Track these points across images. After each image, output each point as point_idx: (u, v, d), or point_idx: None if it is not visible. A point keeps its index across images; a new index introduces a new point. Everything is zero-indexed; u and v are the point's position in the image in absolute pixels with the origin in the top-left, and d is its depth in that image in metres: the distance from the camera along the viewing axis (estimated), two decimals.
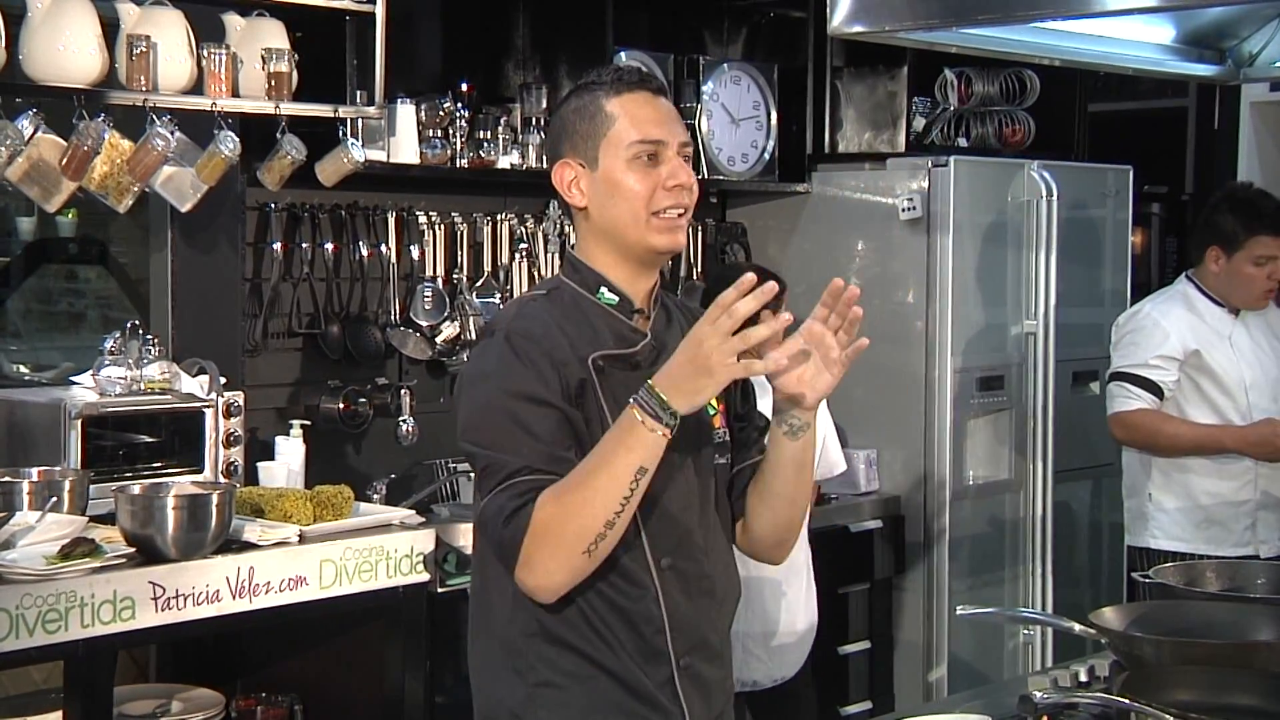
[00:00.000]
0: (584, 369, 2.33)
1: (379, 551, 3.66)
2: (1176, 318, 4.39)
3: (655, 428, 2.20)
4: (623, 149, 2.37)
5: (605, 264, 2.42)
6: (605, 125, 2.38)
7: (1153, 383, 4.33)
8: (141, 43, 3.79)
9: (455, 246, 4.75)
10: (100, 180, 3.81)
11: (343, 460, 4.52)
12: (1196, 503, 4.38)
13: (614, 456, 2.22)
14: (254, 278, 4.41)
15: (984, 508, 5.29)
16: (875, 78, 5.51)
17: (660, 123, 2.39)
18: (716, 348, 2.17)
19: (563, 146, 2.43)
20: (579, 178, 2.41)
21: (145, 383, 3.81)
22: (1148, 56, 3.73)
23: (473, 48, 4.94)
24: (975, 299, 5.20)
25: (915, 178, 5.19)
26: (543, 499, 2.24)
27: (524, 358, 2.30)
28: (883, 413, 5.13)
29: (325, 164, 4.21)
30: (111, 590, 3.22)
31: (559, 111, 2.47)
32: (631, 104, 2.39)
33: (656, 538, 2.36)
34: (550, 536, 2.23)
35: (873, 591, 5.13)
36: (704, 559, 2.42)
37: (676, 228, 2.41)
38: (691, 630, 2.40)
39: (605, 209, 2.40)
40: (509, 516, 2.25)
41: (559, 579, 2.28)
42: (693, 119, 5.18)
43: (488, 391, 2.32)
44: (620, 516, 2.24)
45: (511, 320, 2.37)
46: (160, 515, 3.34)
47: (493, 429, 2.30)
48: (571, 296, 2.42)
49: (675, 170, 2.39)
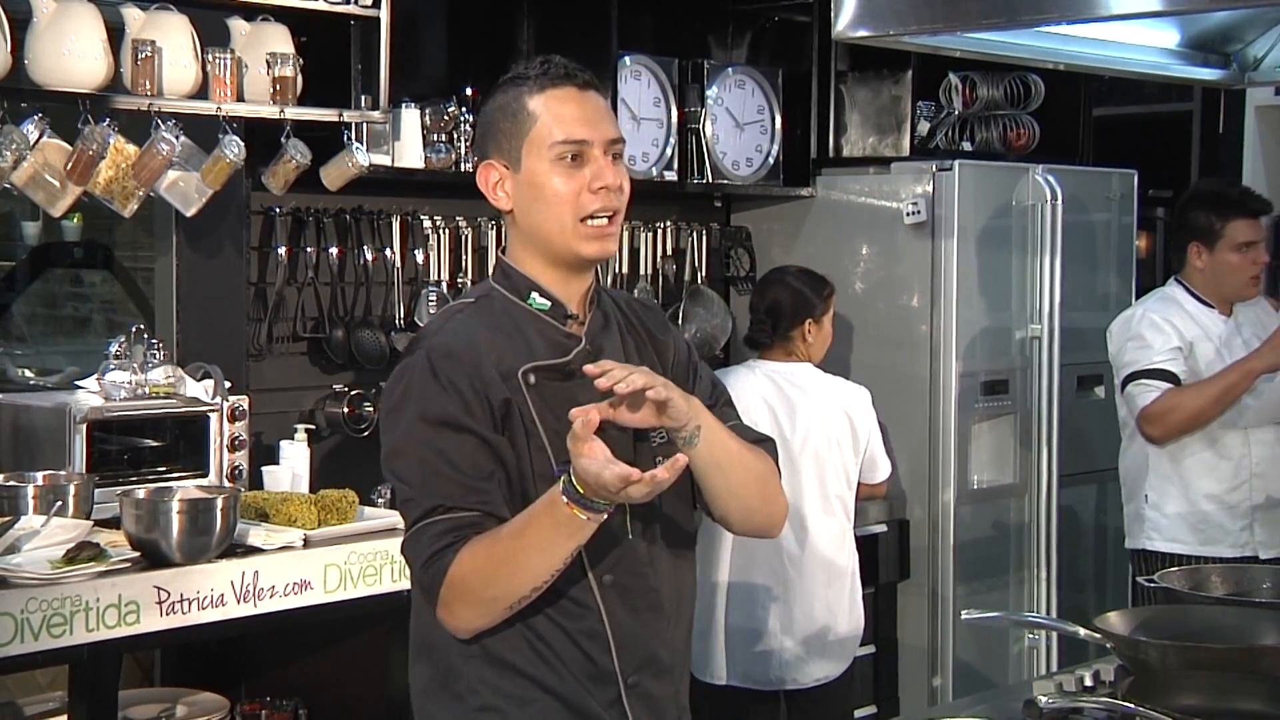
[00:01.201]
0: (510, 386, 2.24)
1: (384, 556, 3.66)
2: (1171, 315, 4.43)
3: (592, 516, 2.12)
4: (545, 149, 2.26)
5: (535, 269, 2.32)
6: (527, 124, 2.27)
7: (1170, 373, 4.34)
8: (146, 47, 3.80)
9: (460, 250, 4.75)
10: (105, 184, 3.81)
11: (347, 464, 4.52)
12: (1194, 504, 4.39)
13: (546, 540, 2.14)
14: (258, 282, 4.41)
15: (988, 512, 5.28)
16: (880, 82, 5.51)
17: (585, 120, 2.27)
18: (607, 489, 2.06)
19: (487, 146, 2.32)
20: (503, 179, 2.30)
21: (150, 387, 3.81)
22: (1153, 60, 3.73)
23: (477, 52, 4.93)
24: (980, 303, 5.20)
25: (920, 182, 5.19)
26: (464, 555, 2.16)
27: (443, 379, 2.21)
28: (887, 417, 5.10)
29: (330, 168, 4.21)
30: (116, 594, 3.22)
31: (484, 108, 2.36)
32: (555, 101, 2.28)
33: (596, 554, 2.25)
34: (470, 594, 2.17)
35: (877, 596, 5.12)
36: (649, 572, 2.33)
37: (606, 235, 2.29)
38: (639, 647, 2.31)
39: (530, 213, 2.30)
40: (427, 561, 2.18)
41: (477, 626, 2.22)
42: (697, 123, 5.18)
43: (406, 418, 2.23)
44: (548, 583, 2.18)
45: (434, 336, 2.28)
46: (165, 519, 3.35)
47: (410, 460, 2.22)
48: (501, 304, 2.32)
49: (600, 170, 2.27)
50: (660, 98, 5.11)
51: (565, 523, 2.12)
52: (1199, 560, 4.34)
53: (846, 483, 4.29)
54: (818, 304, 4.34)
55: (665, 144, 5.10)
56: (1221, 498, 4.41)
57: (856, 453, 4.30)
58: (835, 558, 4.27)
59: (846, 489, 4.29)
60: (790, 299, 4.33)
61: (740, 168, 5.34)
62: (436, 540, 2.17)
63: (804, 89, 5.45)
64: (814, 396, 4.27)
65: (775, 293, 4.35)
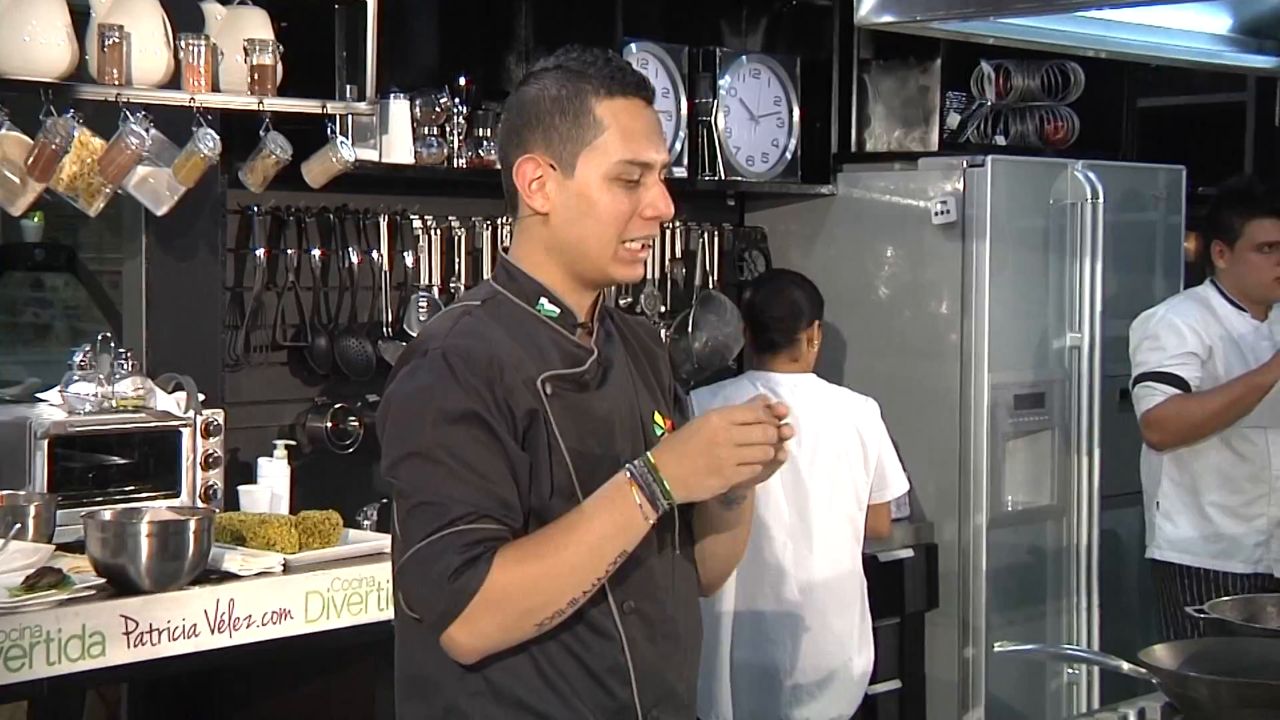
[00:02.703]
0: (533, 395, 2.24)
1: (370, 583, 3.65)
2: (1192, 317, 4.57)
3: (651, 515, 2.16)
4: (608, 164, 2.27)
5: (548, 274, 2.32)
6: (591, 130, 2.26)
7: (1179, 378, 4.48)
8: (114, 33, 3.80)
9: (452, 253, 4.75)
10: (69, 181, 3.81)
11: (330, 483, 4.51)
12: (1203, 515, 4.50)
13: (596, 533, 2.15)
14: (235, 286, 4.41)
15: (1024, 536, 5.27)
16: (906, 71, 5.51)
17: (652, 140, 2.29)
18: (734, 453, 2.14)
19: (531, 138, 2.29)
20: (545, 179, 2.29)
21: (117, 400, 3.81)
22: (1202, 47, 3.72)
23: (472, 39, 4.94)
24: (1014, 310, 5.19)
25: (949, 179, 5.18)
26: (502, 560, 2.14)
27: (463, 381, 2.19)
28: (914, 433, 5.11)
29: (312, 164, 4.21)
30: (80, 624, 3.21)
31: (528, 92, 2.31)
32: (625, 113, 2.28)
33: (619, 578, 2.25)
34: (505, 605, 2.14)
35: (903, 626, 5.12)
36: (667, 599, 2.34)
37: (640, 260, 2.33)
38: (658, 680, 2.32)
39: (572, 224, 2.29)
40: (456, 572, 2.13)
41: (495, 645, 2.20)
42: (708, 115, 5.18)
43: (421, 417, 2.19)
44: (586, 595, 2.19)
45: (447, 337, 2.25)
46: (133, 543, 3.33)
47: (428, 462, 2.18)
48: (509, 308, 2.32)
49: (656, 199, 2.29)
50: (669, 88, 5.10)
51: (620, 510, 2.15)
52: (1210, 575, 4.44)
53: (856, 501, 4.28)
54: (820, 305, 4.42)
55: (674, 138, 5.10)
56: (1236, 510, 4.49)
57: (867, 469, 4.30)
58: (846, 584, 4.26)
59: (856, 508, 4.29)
60: (804, 299, 4.37)
61: (755, 164, 5.34)
62: (466, 550, 2.14)
63: (824, 78, 5.45)
64: (820, 409, 4.27)
65: (792, 293, 4.39)
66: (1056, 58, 5.58)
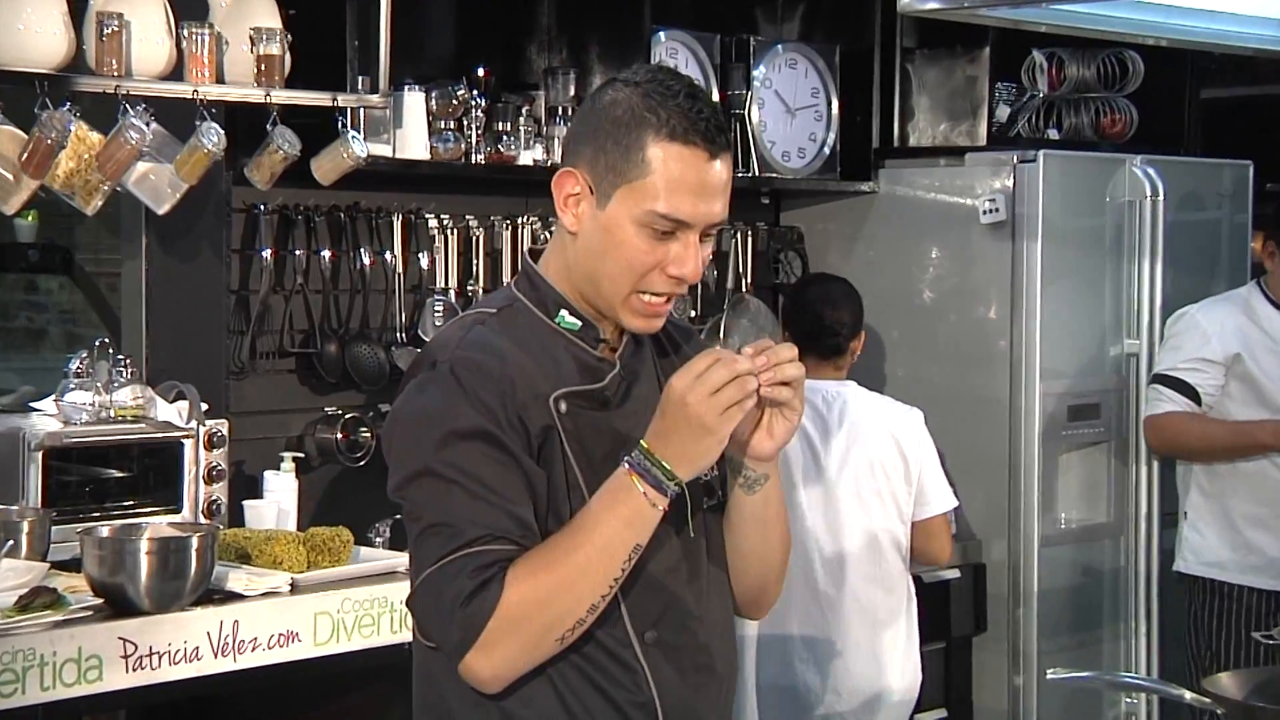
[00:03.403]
0: (547, 413, 2.23)
1: (382, 603, 3.65)
2: (1222, 319, 4.64)
3: (657, 500, 2.14)
4: (640, 210, 2.23)
5: (570, 292, 2.31)
6: (636, 169, 2.22)
7: (1188, 385, 4.57)
8: (113, 21, 3.81)
9: (470, 254, 4.75)
10: (65, 178, 3.82)
11: (341, 498, 4.52)
12: (1233, 526, 4.54)
13: (605, 531, 2.14)
14: (240, 289, 4.42)
15: (1078, 555, 5.25)
16: (952, 61, 5.50)
17: (700, 198, 2.24)
18: (709, 404, 2.12)
19: (581, 151, 2.28)
20: (581, 199, 2.27)
21: (115, 409, 3.82)
22: (1269, 34, 3.71)
23: (491, 27, 4.94)
24: (1067, 315, 5.18)
25: (998, 175, 5.17)
26: (514, 577, 2.13)
27: (473, 396, 2.19)
28: (960, 445, 5.09)
29: (322, 160, 4.22)
30: (76, 647, 3.21)
31: (598, 102, 2.29)
32: (679, 161, 2.22)
33: (638, 607, 2.26)
34: (522, 622, 2.14)
35: (949, 651, 5.10)
36: (697, 628, 2.32)
37: (657, 315, 2.29)
38: (688, 715, 2.30)
39: (592, 255, 2.27)
40: (470, 596, 2.13)
41: (521, 668, 2.19)
42: (742, 108, 5.18)
43: (432, 436, 2.19)
44: (605, 600, 2.17)
45: (456, 349, 2.24)
46: (132, 561, 3.34)
47: (438, 482, 2.18)
48: (526, 318, 2.31)
49: (684, 256, 2.25)
50: (699, 80, 5.09)
51: (625, 503, 2.14)
52: (1239, 591, 4.47)
53: (898, 515, 4.25)
54: (863, 312, 4.40)
55: None
56: (1268, 522, 4.51)
57: (908, 481, 4.27)
58: (882, 602, 4.23)
59: (898, 522, 4.25)
60: (856, 306, 4.35)
61: (791, 159, 5.33)
62: (480, 573, 2.14)
63: (865, 68, 5.45)
64: (856, 418, 4.24)
65: (845, 299, 4.35)
66: (1113, 46, 5.56)
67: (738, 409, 2.14)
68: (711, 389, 2.13)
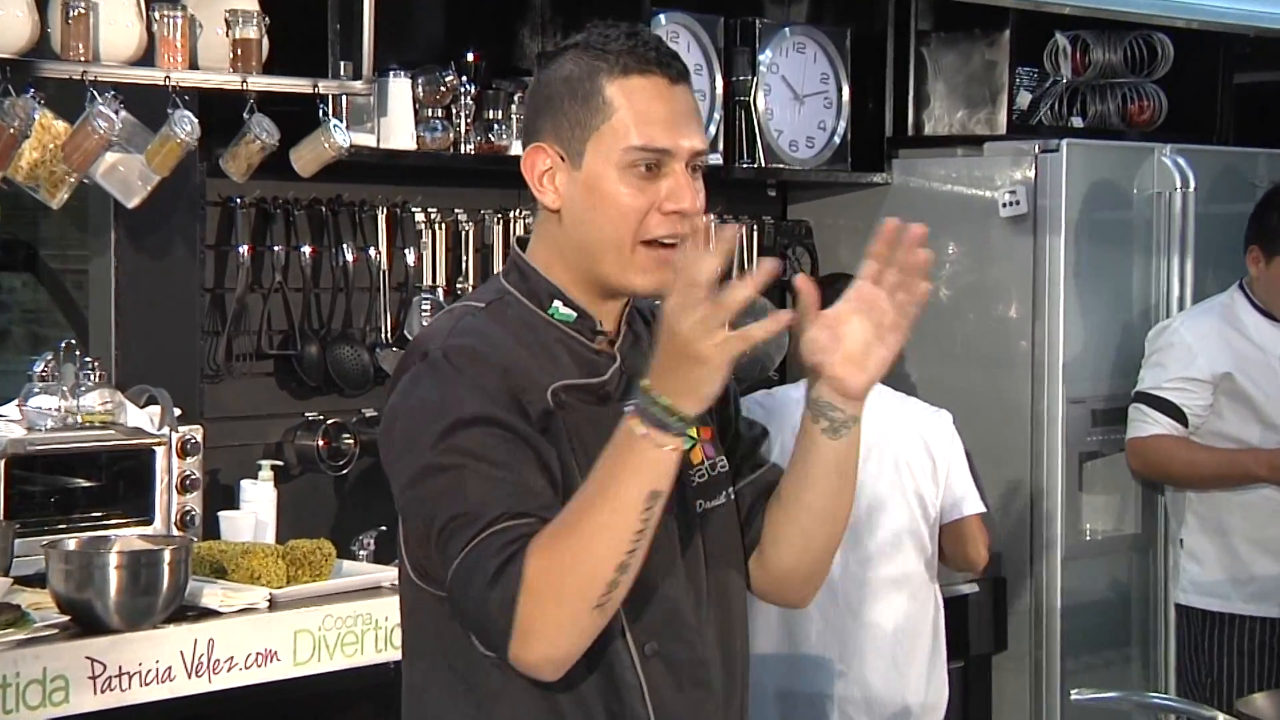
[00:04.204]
0: (545, 402, 2.23)
1: (366, 620, 3.65)
2: (1208, 335, 4.65)
3: (664, 440, 2.08)
4: (617, 152, 2.25)
5: (564, 280, 2.32)
6: (600, 114, 2.25)
7: (1174, 405, 4.59)
8: (80, 3, 3.81)
9: (459, 250, 4.75)
10: (29, 169, 3.82)
11: (322, 509, 4.52)
12: (1233, 552, 4.56)
13: (615, 483, 2.09)
14: (215, 288, 4.42)
15: (1104, 569, 5.26)
16: (970, 44, 5.50)
17: (672, 124, 2.26)
18: (695, 327, 2.06)
19: (541, 125, 2.31)
20: (554, 170, 2.29)
21: (82, 415, 3.82)
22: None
23: (481, 9, 4.94)
24: (1092, 314, 5.18)
25: (1019, 166, 5.18)
26: (534, 549, 2.11)
27: (472, 380, 2.19)
28: (979, 452, 5.08)
29: (302, 150, 4.22)
30: (40, 668, 3.21)
31: (544, 75, 2.33)
32: (640, 94, 2.26)
33: (637, 617, 2.25)
34: (550, 594, 2.10)
35: (968, 670, 5.10)
36: (696, 640, 2.32)
37: (665, 266, 2.25)
38: None
39: (582, 222, 2.28)
40: (494, 576, 2.11)
41: (566, 646, 2.14)
42: (747, 95, 5.18)
43: (433, 428, 2.18)
44: (634, 556, 2.12)
45: (448, 338, 2.25)
46: (100, 576, 3.34)
47: (445, 474, 2.16)
48: (517, 311, 2.31)
49: (678, 189, 2.26)
50: (702, 64, 5.10)
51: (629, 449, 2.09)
52: (1242, 621, 4.47)
53: (923, 517, 4.25)
54: None
55: (708, 121, 5.09)
56: (1269, 545, 4.51)
57: (936, 482, 4.28)
58: (904, 607, 4.22)
59: (922, 523, 4.25)
60: None
61: (799, 149, 5.34)
62: (503, 550, 2.12)
63: (877, 53, 5.45)
64: (879, 418, 4.22)
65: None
66: (1141, 28, 5.57)
67: (739, 338, 2.09)
68: (698, 315, 2.06)
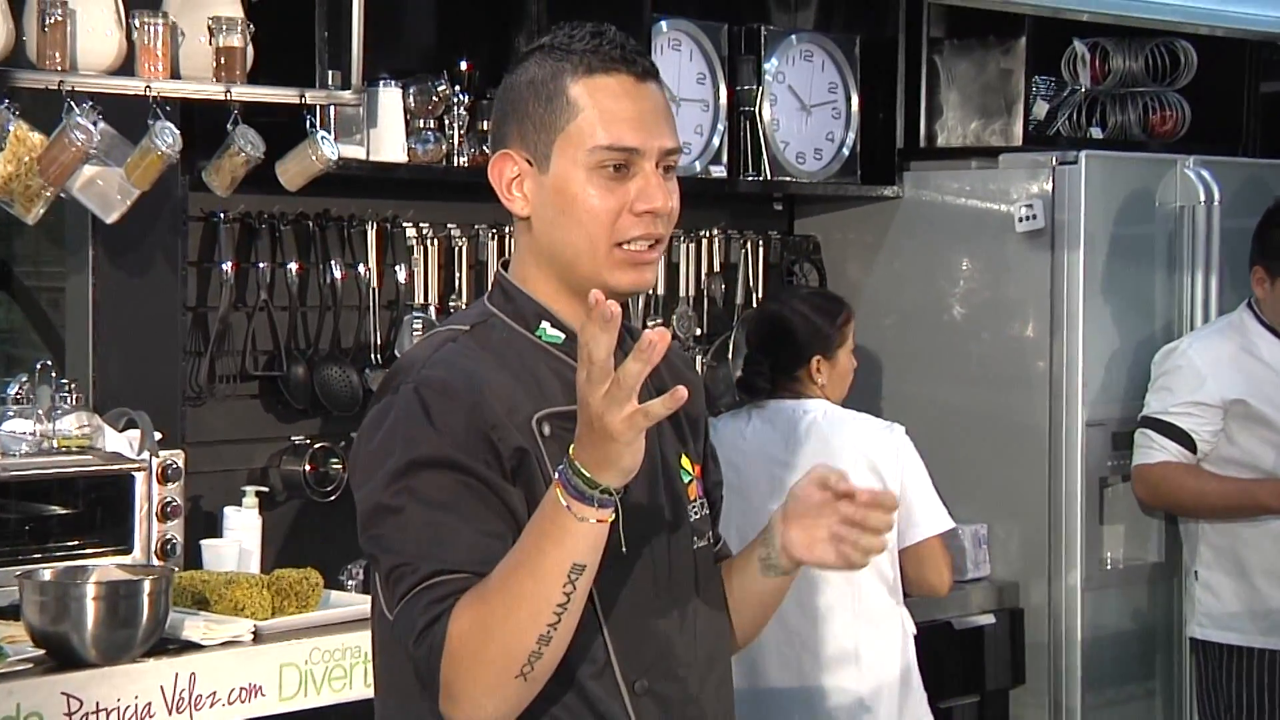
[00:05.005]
0: (525, 434, 2.24)
1: (354, 653, 3.65)
2: (1218, 358, 4.68)
3: (585, 512, 2.09)
4: (584, 152, 2.28)
5: (548, 292, 2.34)
6: (565, 115, 2.28)
7: (1182, 431, 4.61)
8: (57, 10, 3.81)
9: (452, 266, 4.76)
10: (3, 183, 3.82)
11: (309, 537, 4.52)
12: (1249, 583, 4.56)
13: (538, 552, 2.11)
14: (198, 306, 4.42)
15: (1126, 600, 5.25)
16: (984, 52, 5.50)
17: (639, 123, 2.29)
18: (601, 402, 2.05)
19: (507, 131, 2.34)
20: (523, 177, 2.32)
21: (59, 439, 3.82)
22: None
23: (474, 17, 4.95)
24: (1113, 332, 5.18)
25: (1036, 178, 5.18)
26: (458, 610, 2.13)
27: (437, 419, 2.20)
28: (995, 477, 5.10)
29: (288, 163, 4.22)
30: (14, 704, 3.20)
31: (509, 80, 2.36)
32: (605, 92, 2.29)
33: (628, 654, 2.28)
34: (469, 659, 2.12)
35: (984, 706, 5.10)
36: (688, 678, 2.35)
37: (644, 264, 2.30)
38: None
39: (553, 227, 2.31)
40: (420, 634, 2.14)
41: (492, 710, 2.16)
42: (752, 105, 5.18)
43: (390, 466, 2.20)
44: (557, 630, 2.13)
45: (421, 368, 2.26)
46: (77, 608, 3.33)
47: (397, 519, 2.19)
48: (503, 333, 2.33)
49: (648, 189, 2.28)
50: (705, 73, 5.11)
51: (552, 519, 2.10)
52: (1261, 655, 4.47)
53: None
54: (830, 334, 4.25)
55: (712, 132, 5.10)
56: None
57: None
58: (866, 639, 4.16)
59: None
60: (793, 330, 4.25)
61: (807, 161, 5.34)
62: (429, 609, 2.15)
63: (888, 61, 5.46)
64: (822, 440, 4.19)
65: (771, 323, 4.30)
66: (1163, 35, 5.57)
67: (643, 415, 2.06)
68: (603, 392, 2.05)
